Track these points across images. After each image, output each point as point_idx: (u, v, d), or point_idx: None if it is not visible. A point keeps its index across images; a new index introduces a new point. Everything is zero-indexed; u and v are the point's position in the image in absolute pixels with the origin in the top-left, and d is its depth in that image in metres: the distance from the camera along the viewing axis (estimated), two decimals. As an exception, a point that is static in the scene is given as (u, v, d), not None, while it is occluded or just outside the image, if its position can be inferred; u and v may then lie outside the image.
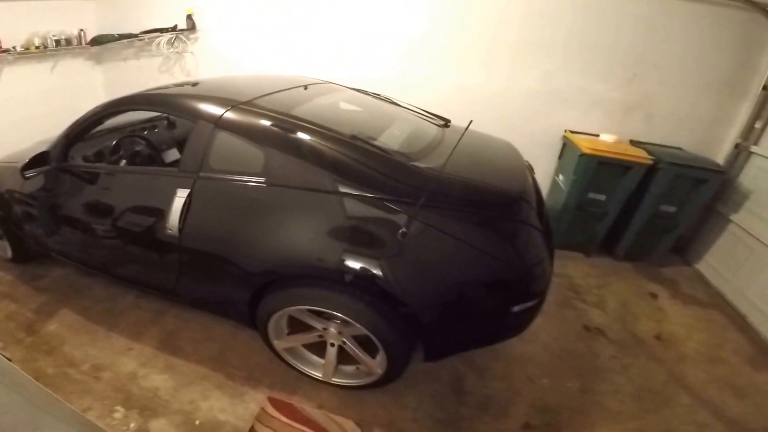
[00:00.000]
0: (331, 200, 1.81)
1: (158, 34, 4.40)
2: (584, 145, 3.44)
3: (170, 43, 4.44)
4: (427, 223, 1.73)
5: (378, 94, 2.97)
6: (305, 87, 2.59)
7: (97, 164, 2.61)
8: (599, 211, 3.63)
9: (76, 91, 4.57)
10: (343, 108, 2.63)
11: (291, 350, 2.25)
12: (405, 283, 1.73)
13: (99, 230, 2.32)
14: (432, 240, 1.74)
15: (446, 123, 2.65)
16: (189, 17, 4.34)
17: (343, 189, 1.80)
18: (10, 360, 2.17)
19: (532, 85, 3.89)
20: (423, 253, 1.74)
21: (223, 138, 1.96)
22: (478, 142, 2.49)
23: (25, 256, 2.94)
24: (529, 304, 1.84)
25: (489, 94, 3.98)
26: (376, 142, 2.03)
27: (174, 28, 4.39)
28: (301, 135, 1.94)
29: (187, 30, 4.41)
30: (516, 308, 1.81)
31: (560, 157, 4.01)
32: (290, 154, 1.90)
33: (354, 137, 1.99)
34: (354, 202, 1.79)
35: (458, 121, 2.69)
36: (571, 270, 3.65)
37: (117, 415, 2.00)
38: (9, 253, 2.93)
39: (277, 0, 4.11)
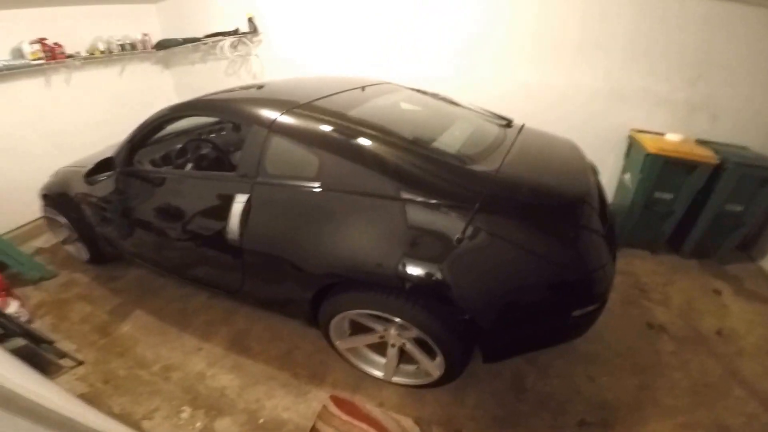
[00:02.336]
0: (387, 205, 1.78)
1: (221, 37, 4.44)
2: (650, 144, 3.36)
3: (233, 46, 4.47)
4: (484, 229, 1.67)
5: (436, 94, 2.90)
6: (363, 88, 2.55)
7: (160, 168, 2.66)
8: (665, 210, 3.54)
9: (149, 94, 4.68)
10: (400, 109, 2.59)
11: (353, 350, 2.29)
12: (462, 288, 1.69)
13: (166, 233, 2.39)
14: (490, 245, 1.68)
15: (508, 123, 2.57)
16: (250, 20, 4.37)
17: (399, 194, 1.77)
18: (82, 363, 2.34)
19: (595, 84, 3.80)
20: (480, 259, 1.68)
21: (277, 142, 1.97)
22: (539, 142, 2.41)
23: (101, 258, 3.08)
24: (590, 308, 1.79)
25: (551, 93, 3.91)
26: (433, 145, 2.00)
27: (236, 32, 4.41)
28: (355, 138, 1.91)
29: (249, 33, 4.42)
30: (577, 312, 1.77)
31: (626, 155, 3.91)
32: (344, 158, 1.87)
33: (410, 140, 1.96)
34: (411, 207, 1.75)
35: (521, 121, 2.65)
36: (637, 268, 3.57)
37: (184, 414, 2.08)
38: (86, 255, 3.09)
39: (336, 1, 4.10)
